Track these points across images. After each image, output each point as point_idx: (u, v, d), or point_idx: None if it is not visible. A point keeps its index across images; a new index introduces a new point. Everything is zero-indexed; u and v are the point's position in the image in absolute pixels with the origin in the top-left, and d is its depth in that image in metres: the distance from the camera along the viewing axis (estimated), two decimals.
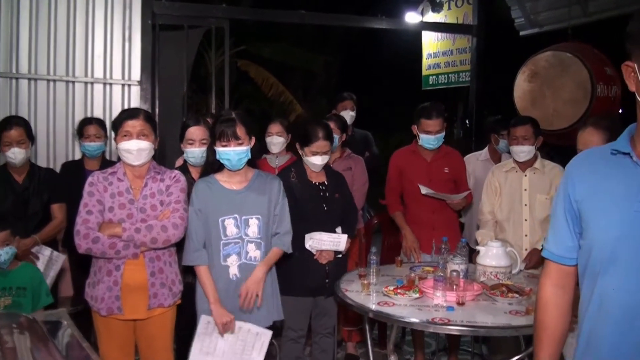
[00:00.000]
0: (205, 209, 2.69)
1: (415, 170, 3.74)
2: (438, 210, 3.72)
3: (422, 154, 3.76)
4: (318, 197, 3.20)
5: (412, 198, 3.79)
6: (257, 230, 2.72)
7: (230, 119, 2.66)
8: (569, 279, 1.61)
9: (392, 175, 3.89)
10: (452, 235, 3.51)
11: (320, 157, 3.12)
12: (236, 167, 2.70)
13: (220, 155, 2.67)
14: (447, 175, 3.76)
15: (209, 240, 2.70)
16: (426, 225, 3.73)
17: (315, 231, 3.10)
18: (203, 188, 2.73)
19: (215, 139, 2.68)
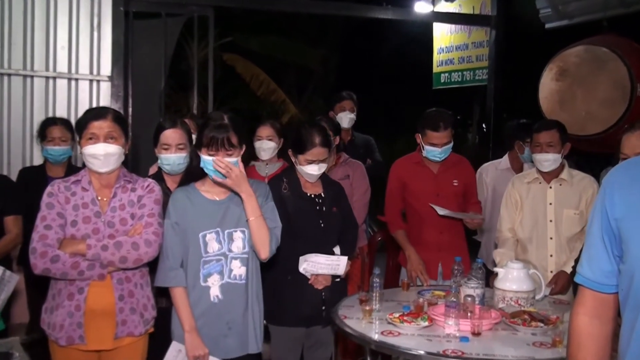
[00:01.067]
0: (183, 223, 2.68)
1: (420, 183, 3.73)
2: (446, 230, 3.71)
3: (428, 165, 3.75)
4: (313, 212, 3.18)
5: (416, 215, 3.78)
6: (242, 244, 2.70)
7: (223, 125, 2.64)
8: (607, 309, 1.59)
9: (393, 189, 3.87)
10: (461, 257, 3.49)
11: (317, 166, 3.12)
12: (221, 177, 2.67)
13: (206, 163, 2.66)
14: (456, 189, 3.75)
15: (187, 258, 2.68)
16: (431, 246, 3.72)
17: (310, 251, 3.09)
18: (181, 198, 2.71)
19: (201, 144, 2.65)
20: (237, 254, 2.70)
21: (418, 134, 3.68)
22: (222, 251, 2.69)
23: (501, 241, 3.63)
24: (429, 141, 3.60)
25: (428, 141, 3.61)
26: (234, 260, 2.70)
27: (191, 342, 2.63)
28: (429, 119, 3.60)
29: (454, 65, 7.07)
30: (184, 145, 3.11)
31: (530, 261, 3.48)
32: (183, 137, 3.13)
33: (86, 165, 2.66)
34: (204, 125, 2.69)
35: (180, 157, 3.10)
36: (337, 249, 3.22)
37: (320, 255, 3.08)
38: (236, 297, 2.71)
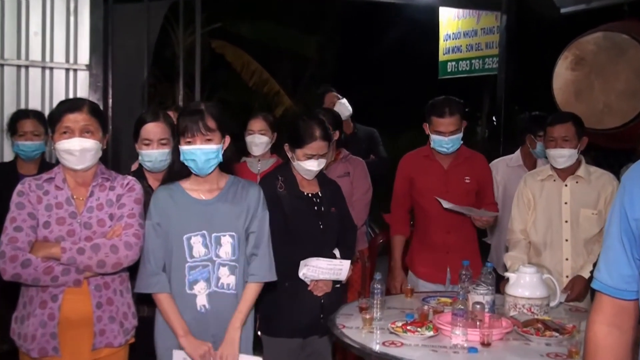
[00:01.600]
0: (166, 224, 2.67)
1: (428, 179, 3.73)
2: (454, 230, 3.71)
3: (438, 159, 3.75)
4: (312, 212, 3.18)
5: (422, 214, 3.78)
6: (230, 250, 2.69)
7: (197, 110, 2.66)
8: (627, 317, 1.59)
9: (399, 186, 3.87)
10: (471, 261, 3.48)
11: (316, 162, 3.12)
12: (204, 171, 2.68)
13: (185, 154, 2.66)
14: (468, 186, 3.74)
15: (170, 262, 2.67)
16: (439, 248, 3.72)
17: (308, 255, 3.09)
18: (164, 197, 2.71)
19: (179, 135, 2.67)
20: (225, 260, 2.69)
21: (425, 124, 3.69)
22: (209, 256, 2.68)
23: (512, 244, 3.62)
24: (435, 129, 3.61)
25: (434, 129, 3.61)
26: (222, 267, 2.69)
27: (190, 344, 2.64)
28: (435, 105, 3.63)
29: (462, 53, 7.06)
30: (167, 140, 3.11)
31: (544, 265, 3.48)
32: (166, 131, 3.12)
33: (60, 161, 2.65)
34: (180, 114, 2.71)
35: (163, 153, 3.09)
36: (337, 251, 3.22)
37: (321, 259, 3.09)
38: (224, 308, 2.70)
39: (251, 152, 4.15)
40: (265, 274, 2.76)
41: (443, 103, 3.60)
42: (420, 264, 3.79)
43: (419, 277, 3.79)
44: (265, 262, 2.76)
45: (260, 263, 2.75)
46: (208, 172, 2.68)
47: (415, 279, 3.80)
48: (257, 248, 2.75)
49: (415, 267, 3.82)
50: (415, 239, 3.88)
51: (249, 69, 10.76)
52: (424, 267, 3.77)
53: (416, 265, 3.82)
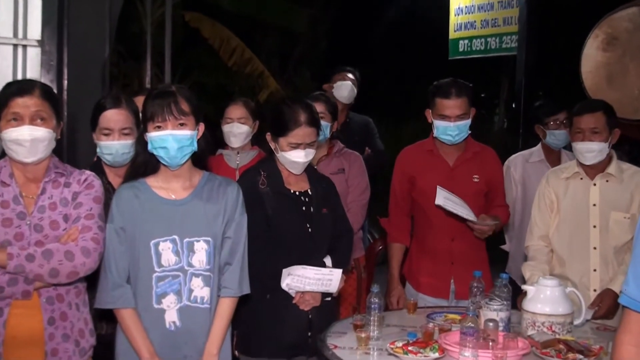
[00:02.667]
0: (130, 228, 2.67)
1: (431, 177, 3.71)
2: (459, 237, 3.71)
3: (442, 154, 3.76)
4: (299, 213, 3.19)
5: (423, 217, 3.79)
6: (205, 258, 2.70)
7: (167, 91, 2.67)
8: None
9: (398, 186, 3.88)
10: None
11: (303, 152, 3.12)
12: (176, 161, 2.67)
13: (153, 142, 2.65)
14: (477, 186, 3.74)
15: (135, 272, 2.68)
16: (441, 257, 3.73)
17: (294, 263, 3.09)
18: (128, 197, 2.70)
19: (146, 121, 2.66)
20: (198, 269, 2.70)
21: (428, 110, 3.71)
22: (180, 265, 2.68)
23: (532, 252, 3.64)
24: (439, 112, 3.62)
25: (438, 113, 3.63)
26: (195, 278, 2.70)
27: None
28: (439, 86, 3.66)
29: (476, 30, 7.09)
30: (130, 130, 3.11)
31: (568, 277, 3.50)
32: (129, 119, 3.12)
33: (7, 153, 2.64)
34: (147, 98, 2.70)
35: (125, 145, 3.09)
36: (328, 259, 3.22)
37: (308, 267, 3.08)
38: (197, 325, 2.71)
39: (229, 144, 4.16)
40: (239, 287, 2.78)
41: (449, 84, 3.63)
42: (420, 275, 3.80)
43: (418, 290, 3.79)
44: (239, 273, 2.78)
45: (235, 274, 2.77)
46: (181, 162, 2.68)
47: (414, 292, 3.80)
48: (232, 257, 2.76)
49: (414, 279, 3.83)
50: (414, 246, 3.89)
51: (228, 47, 10.74)
52: (425, 279, 3.78)
53: (415, 276, 3.83)
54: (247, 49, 10.89)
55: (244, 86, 10.76)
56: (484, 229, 3.61)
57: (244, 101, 4.21)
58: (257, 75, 10.98)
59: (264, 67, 11.07)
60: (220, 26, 10.75)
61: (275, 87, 11.08)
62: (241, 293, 2.79)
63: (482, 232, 3.63)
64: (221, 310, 2.74)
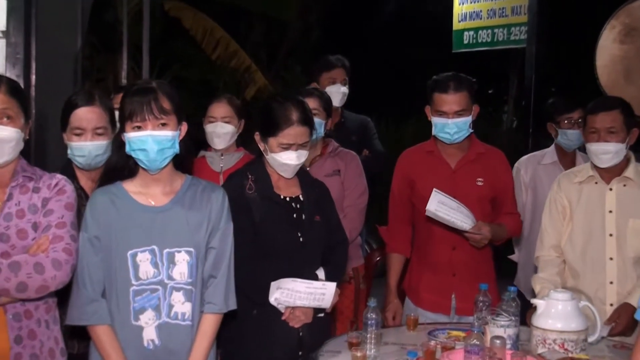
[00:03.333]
0: (106, 237, 2.67)
1: (430, 179, 3.71)
2: (462, 246, 3.70)
3: (444, 156, 3.77)
4: (290, 221, 3.20)
5: (424, 225, 3.77)
6: (187, 270, 2.70)
7: (147, 88, 2.66)
8: None
9: (398, 191, 3.89)
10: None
11: (295, 154, 3.12)
12: (156, 165, 2.67)
13: (132, 144, 2.65)
14: (481, 191, 3.74)
15: (110, 286, 2.68)
16: (442, 269, 3.73)
17: (284, 275, 3.09)
18: (103, 203, 2.70)
19: (124, 120, 2.66)
20: (179, 283, 2.70)
21: (427, 107, 3.73)
22: (159, 278, 2.68)
23: (542, 263, 3.65)
24: (437, 108, 3.64)
25: (436, 109, 3.65)
26: (175, 292, 2.70)
27: None
28: (438, 80, 3.67)
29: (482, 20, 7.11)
30: (104, 130, 3.12)
31: (581, 290, 3.51)
32: (103, 117, 3.12)
33: None
34: (125, 95, 2.70)
35: (99, 146, 3.10)
36: (321, 272, 3.23)
37: (298, 280, 3.09)
38: (178, 343, 2.71)
39: (212, 145, 4.17)
40: (224, 302, 2.78)
41: (447, 77, 3.65)
42: (420, 288, 3.81)
43: (418, 305, 3.79)
44: (225, 287, 2.78)
45: (220, 288, 2.77)
46: (161, 165, 2.68)
47: (412, 307, 3.80)
48: (217, 269, 2.77)
49: (414, 293, 3.84)
50: (414, 257, 3.89)
51: (212, 38, 10.75)
52: (425, 293, 3.78)
53: (415, 290, 3.84)
54: (232, 41, 10.89)
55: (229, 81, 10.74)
56: (476, 237, 3.57)
57: (228, 98, 4.21)
58: (243, 70, 10.97)
59: (250, 60, 11.07)
60: (203, 16, 10.75)
61: (263, 82, 11.06)
62: (227, 309, 2.79)
63: (476, 241, 3.60)
64: (204, 328, 2.75)
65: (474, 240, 3.61)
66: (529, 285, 3.96)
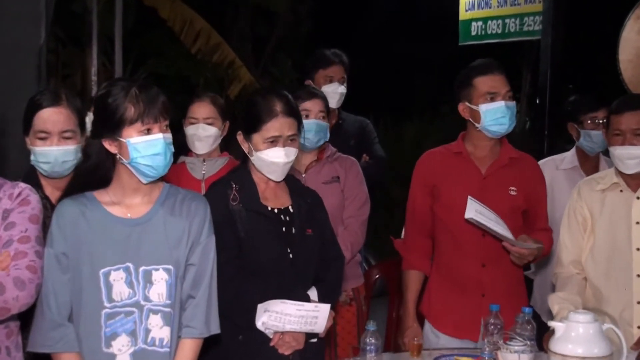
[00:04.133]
0: (75, 254, 2.66)
1: (459, 187, 3.66)
2: (493, 262, 3.66)
3: (474, 159, 3.73)
4: (278, 235, 3.19)
5: (447, 237, 3.74)
6: (165, 291, 2.70)
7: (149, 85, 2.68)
8: None
9: (418, 200, 3.82)
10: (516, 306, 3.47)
11: (283, 151, 3.12)
12: (162, 173, 2.69)
13: (140, 149, 2.61)
14: (515, 201, 3.69)
15: (79, 308, 2.66)
16: (469, 288, 3.69)
17: (272, 296, 3.08)
18: (72, 215, 2.69)
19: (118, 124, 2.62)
20: (157, 304, 2.69)
21: (463, 103, 3.68)
22: (135, 299, 2.67)
23: (561, 280, 3.64)
24: (485, 90, 3.59)
25: (485, 91, 3.60)
26: (153, 315, 2.69)
27: None
28: (475, 66, 3.68)
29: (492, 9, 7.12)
30: (73, 133, 3.11)
31: (605, 311, 3.48)
32: (71, 119, 3.12)
33: None
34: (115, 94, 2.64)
35: (67, 151, 3.08)
36: (314, 292, 3.22)
37: (288, 302, 3.07)
38: None
39: (193, 150, 4.17)
40: (205, 326, 2.77)
41: (486, 60, 3.68)
42: (442, 310, 3.75)
43: (440, 329, 3.74)
44: (205, 308, 2.78)
45: (199, 310, 2.76)
46: (166, 171, 2.70)
47: (434, 332, 3.76)
48: (197, 288, 2.76)
49: (434, 316, 3.78)
50: (435, 275, 3.82)
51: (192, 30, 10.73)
52: (448, 316, 3.72)
53: (436, 312, 3.77)
54: (214, 33, 10.88)
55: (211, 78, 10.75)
56: (523, 252, 3.52)
57: (211, 97, 4.21)
58: (227, 65, 10.96)
59: (234, 54, 11.06)
60: (182, 5, 10.75)
61: (249, 79, 11.05)
62: (208, 333, 2.78)
63: (522, 256, 3.54)
64: (182, 355, 2.74)
65: (519, 255, 3.54)
66: (545, 305, 3.95)
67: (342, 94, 4.85)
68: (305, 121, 3.61)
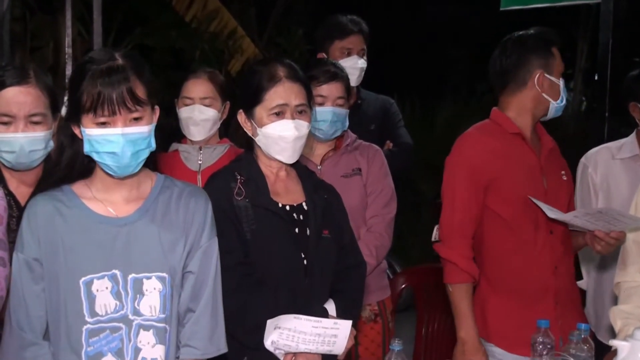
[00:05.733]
0: (50, 259, 2.66)
1: (518, 177, 3.68)
2: (564, 265, 3.70)
3: (529, 139, 3.73)
4: (290, 237, 3.20)
5: (510, 238, 3.72)
6: (159, 303, 2.70)
7: (115, 67, 2.60)
8: None
9: (468, 196, 3.72)
10: (579, 317, 3.45)
11: (292, 123, 3.12)
12: (129, 171, 2.66)
13: (94, 145, 2.60)
14: (567, 186, 3.80)
15: (57, 324, 2.67)
16: (542, 296, 3.68)
17: (283, 310, 3.09)
18: (46, 214, 2.69)
19: (80, 109, 2.61)
20: (148, 319, 2.70)
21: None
22: (122, 313, 2.68)
23: (626, 291, 3.62)
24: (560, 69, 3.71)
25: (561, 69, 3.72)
26: (144, 332, 2.69)
27: None
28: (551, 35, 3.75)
29: None
30: (43, 117, 3.11)
31: None
32: (40, 100, 3.12)
33: None
34: (80, 72, 2.63)
35: (35, 139, 3.10)
36: (332, 305, 3.23)
37: (302, 318, 3.07)
38: None
39: (188, 136, 4.19)
40: (209, 344, 2.79)
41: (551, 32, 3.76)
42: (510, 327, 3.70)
43: (509, 350, 3.68)
44: (209, 324, 2.79)
45: (202, 326, 2.78)
46: (135, 171, 2.67)
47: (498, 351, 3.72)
48: (197, 300, 2.77)
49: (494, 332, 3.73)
50: (486, 284, 3.77)
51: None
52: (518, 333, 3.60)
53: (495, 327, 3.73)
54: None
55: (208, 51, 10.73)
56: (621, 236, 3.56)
57: (209, 74, 4.23)
58: (227, 35, 10.97)
59: (236, 22, 11.08)
60: None
61: (253, 51, 11.06)
62: (215, 352, 2.79)
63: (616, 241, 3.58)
64: None
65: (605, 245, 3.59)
66: (604, 321, 3.96)
67: (362, 69, 4.87)
68: (319, 109, 3.66)
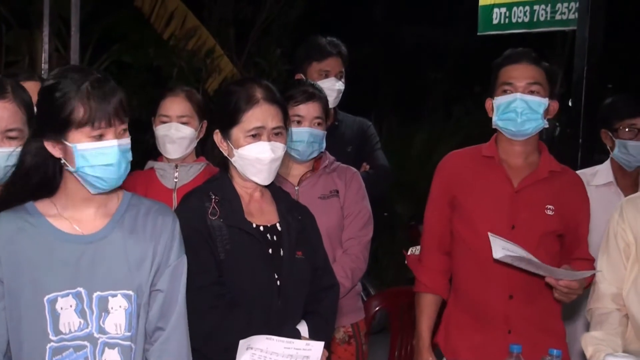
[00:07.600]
0: (12, 277, 2.64)
1: (484, 200, 3.68)
2: (521, 292, 3.67)
3: (507, 168, 3.71)
4: (263, 258, 3.20)
5: (470, 260, 3.74)
6: (124, 321, 2.69)
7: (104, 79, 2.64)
8: None
9: (438, 210, 3.82)
10: (551, 346, 3.44)
11: (268, 145, 3.13)
12: (117, 183, 2.67)
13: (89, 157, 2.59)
14: (550, 222, 3.69)
15: (19, 343, 2.65)
16: (493, 323, 3.69)
17: (256, 331, 3.07)
18: (9, 232, 2.68)
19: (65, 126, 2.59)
20: (114, 337, 2.68)
21: (489, 100, 3.72)
22: (87, 331, 2.67)
23: (597, 318, 3.62)
24: (505, 80, 3.64)
25: (503, 80, 3.65)
26: (109, 350, 2.68)
27: None
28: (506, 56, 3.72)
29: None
30: (19, 132, 3.09)
31: None
32: (17, 115, 3.10)
33: None
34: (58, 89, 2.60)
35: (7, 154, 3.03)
36: (304, 327, 3.23)
37: (274, 338, 3.07)
38: None
39: (164, 154, 4.19)
40: None
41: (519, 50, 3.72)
42: (461, 346, 3.75)
43: None
44: (177, 343, 2.78)
45: (171, 345, 2.77)
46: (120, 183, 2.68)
47: None
48: (167, 319, 2.77)
49: (452, 351, 3.79)
50: (453, 301, 3.84)
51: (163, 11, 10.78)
52: (468, 354, 3.71)
53: (454, 347, 3.78)
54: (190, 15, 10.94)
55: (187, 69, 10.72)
56: (573, 285, 3.51)
57: (186, 92, 4.24)
58: (205, 53, 10.99)
59: (214, 40, 11.11)
60: None
61: (231, 70, 11.09)
62: None
63: (572, 290, 3.53)
64: None
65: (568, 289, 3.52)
66: (576, 347, 3.96)
67: (340, 91, 4.87)
68: (295, 129, 3.69)
